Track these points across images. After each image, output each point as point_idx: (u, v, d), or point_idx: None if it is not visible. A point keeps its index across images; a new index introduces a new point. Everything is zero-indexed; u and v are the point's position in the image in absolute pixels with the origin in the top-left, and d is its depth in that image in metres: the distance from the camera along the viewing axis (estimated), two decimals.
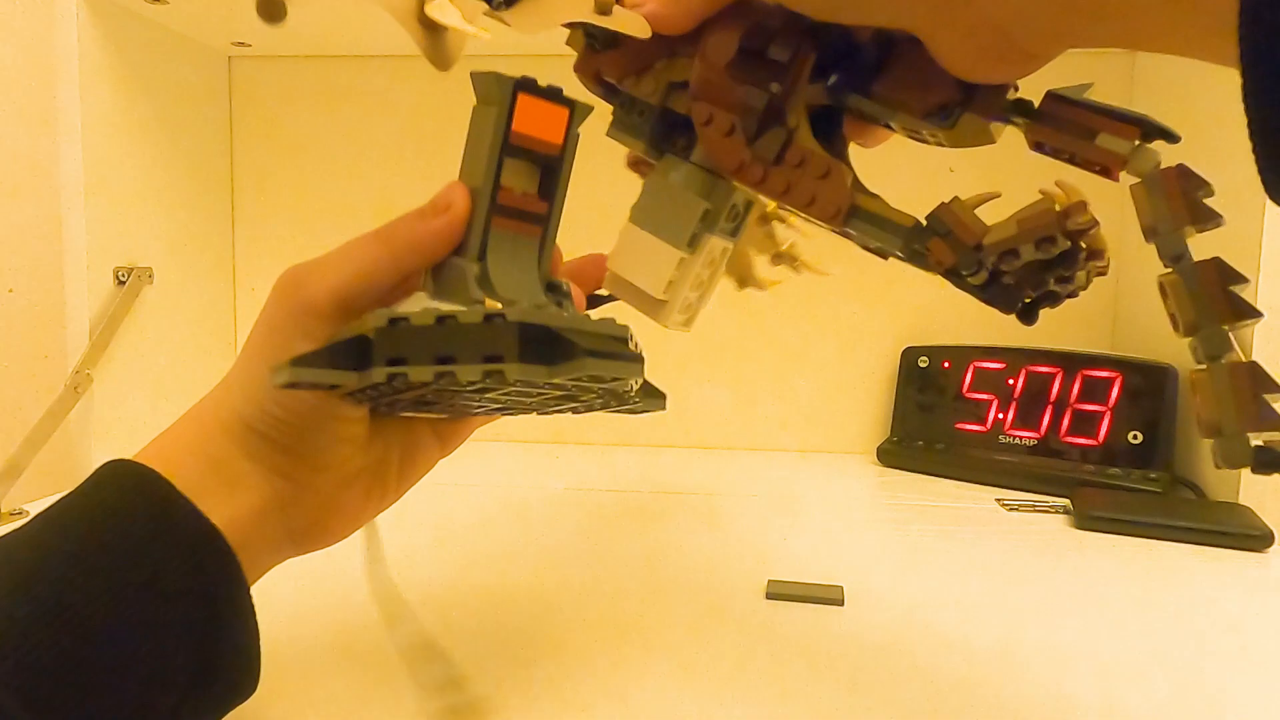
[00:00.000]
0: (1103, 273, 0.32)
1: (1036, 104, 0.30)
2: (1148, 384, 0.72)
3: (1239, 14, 0.20)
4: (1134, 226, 0.28)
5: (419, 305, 0.29)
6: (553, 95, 0.32)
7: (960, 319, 0.85)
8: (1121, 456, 0.71)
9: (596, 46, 0.36)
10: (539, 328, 0.27)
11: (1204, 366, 0.25)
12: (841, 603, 0.46)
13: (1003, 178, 0.88)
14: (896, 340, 0.84)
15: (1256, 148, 0.21)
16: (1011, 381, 0.77)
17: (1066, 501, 0.66)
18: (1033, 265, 0.30)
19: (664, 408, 0.35)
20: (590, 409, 0.35)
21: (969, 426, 0.78)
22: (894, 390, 0.83)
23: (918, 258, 0.33)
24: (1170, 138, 0.28)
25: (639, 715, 0.34)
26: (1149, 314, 0.78)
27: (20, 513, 0.60)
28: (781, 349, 0.84)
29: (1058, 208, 0.30)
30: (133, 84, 0.74)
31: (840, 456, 0.83)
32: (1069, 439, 0.74)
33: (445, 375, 0.27)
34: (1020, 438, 0.76)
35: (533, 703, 0.35)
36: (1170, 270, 0.26)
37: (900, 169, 0.86)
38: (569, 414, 0.36)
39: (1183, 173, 0.27)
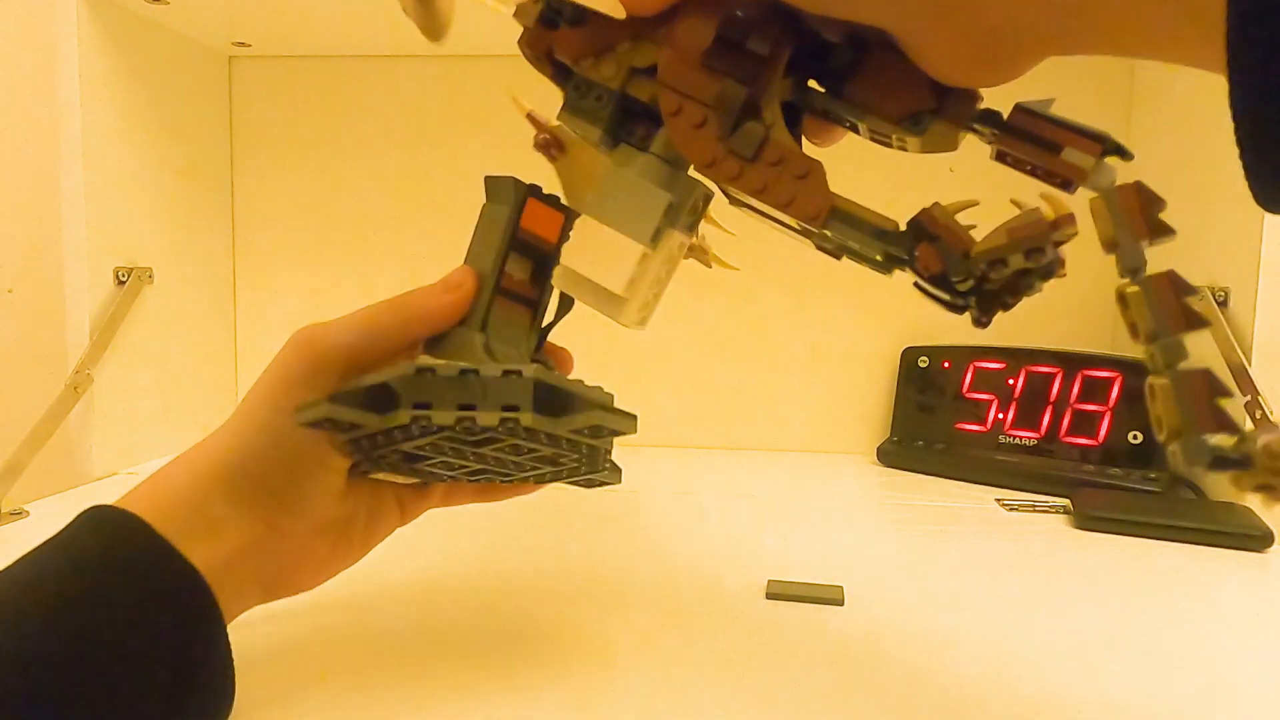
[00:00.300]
0: (1061, 276, 0.32)
1: (1004, 116, 0.30)
2: None
3: (1226, 23, 0.20)
4: None
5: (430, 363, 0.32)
6: (553, 201, 0.37)
7: (960, 319, 0.85)
8: (1121, 456, 0.72)
9: (559, 22, 0.34)
10: (551, 385, 0.31)
11: (1162, 374, 0.27)
12: (841, 603, 0.46)
13: (997, 183, 0.88)
14: (896, 340, 0.84)
15: (1243, 155, 0.21)
16: (1011, 381, 0.77)
17: (1066, 501, 0.66)
18: (1015, 273, 0.31)
19: (620, 481, 0.38)
20: (558, 477, 0.39)
21: (969, 426, 0.78)
22: (894, 390, 0.83)
23: (893, 263, 0.32)
24: (1125, 155, 0.29)
25: (638, 715, 0.34)
26: None
27: (20, 512, 0.60)
28: (781, 349, 0.84)
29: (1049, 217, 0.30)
30: (133, 84, 0.74)
31: (840, 456, 0.83)
32: (1069, 439, 0.74)
33: (466, 420, 0.30)
34: (1020, 438, 0.76)
35: (531, 702, 0.35)
36: (1128, 281, 0.28)
37: (899, 170, 0.86)
38: (533, 481, 0.39)
39: (1140, 189, 0.28)
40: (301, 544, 0.35)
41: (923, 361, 0.81)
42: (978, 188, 0.63)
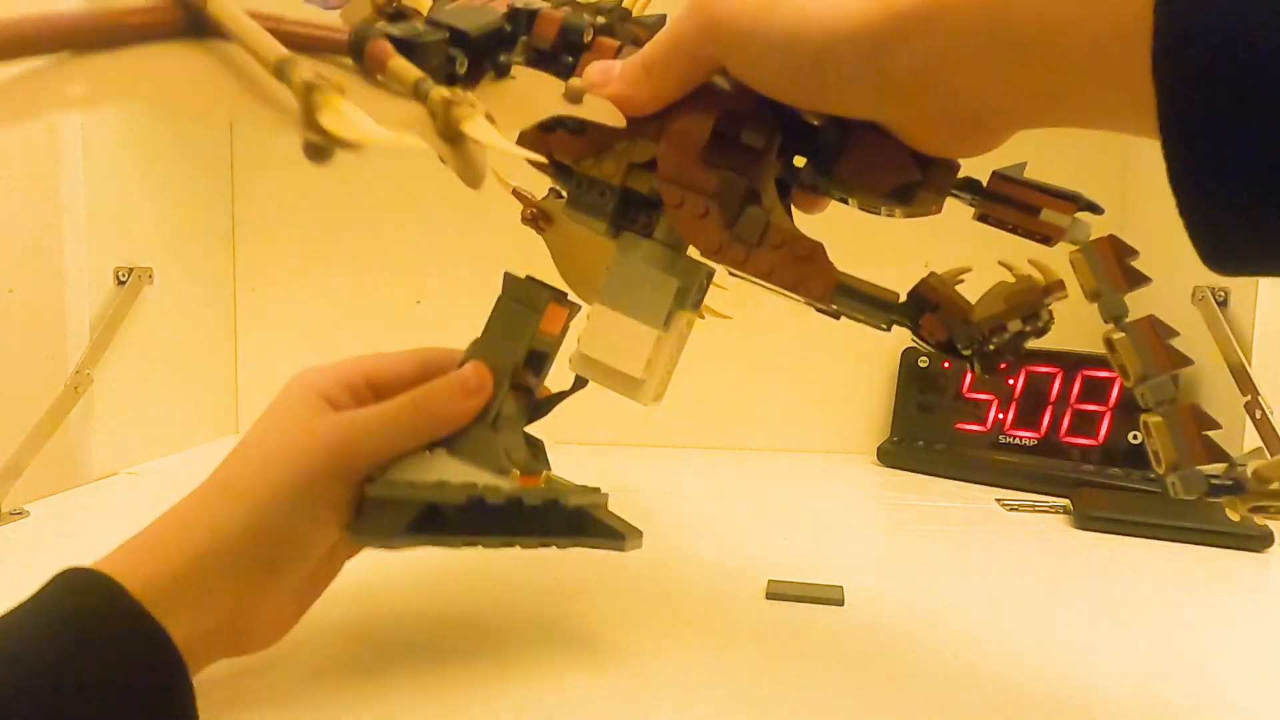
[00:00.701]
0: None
1: (984, 182, 0.32)
2: None
3: (1156, 101, 0.21)
4: (1131, 232, 0.29)
5: (454, 470, 0.35)
6: (561, 299, 0.38)
7: None
8: (1121, 456, 0.72)
9: (563, 129, 0.35)
10: (585, 512, 0.35)
11: (1154, 412, 0.29)
12: (841, 603, 0.46)
13: None
14: (896, 340, 0.83)
15: (1186, 224, 0.23)
16: (1011, 381, 0.77)
17: (1066, 501, 0.66)
18: (1014, 334, 0.33)
19: (639, 545, 0.37)
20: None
21: (969, 426, 0.78)
22: (894, 390, 0.83)
23: (894, 324, 0.34)
24: (1097, 210, 0.31)
25: (638, 715, 0.34)
26: (1149, 314, 0.78)
27: (20, 513, 0.60)
28: (781, 349, 0.84)
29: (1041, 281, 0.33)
30: None
31: (840, 456, 0.83)
32: (1069, 439, 0.74)
33: (510, 544, 0.34)
34: (1020, 438, 0.76)
35: (531, 702, 0.35)
36: (1113, 328, 0.30)
37: None
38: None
39: (1113, 242, 0.30)
40: (278, 606, 0.35)
41: (923, 362, 0.81)
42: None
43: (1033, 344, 0.36)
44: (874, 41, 0.26)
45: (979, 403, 0.78)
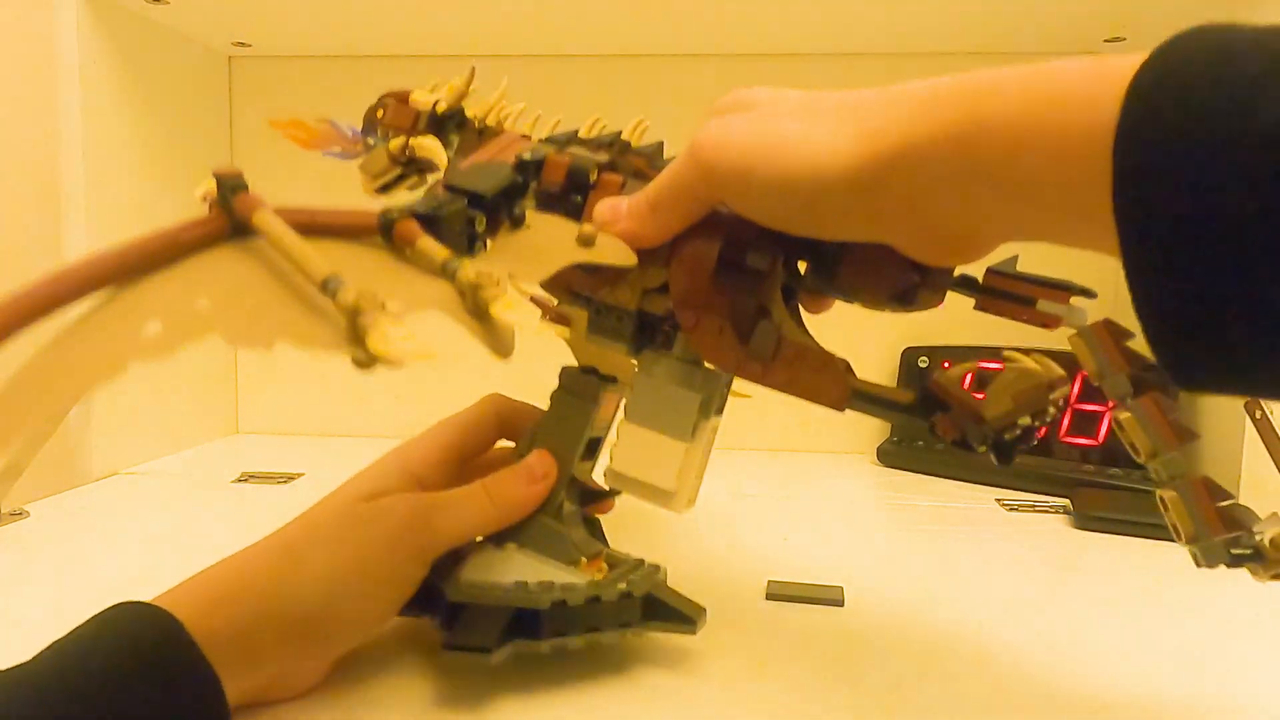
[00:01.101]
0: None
1: (980, 279, 0.34)
2: None
3: (1118, 239, 0.22)
4: None
5: (528, 568, 0.36)
6: (613, 384, 0.40)
7: (960, 319, 0.85)
8: (1121, 456, 0.71)
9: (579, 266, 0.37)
10: (658, 600, 0.37)
11: (1167, 486, 0.31)
12: (841, 603, 0.46)
13: None
14: (896, 340, 0.84)
15: (1151, 346, 0.24)
16: None
17: (1066, 501, 0.66)
18: (1025, 428, 0.34)
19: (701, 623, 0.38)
20: None
21: None
22: None
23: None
24: (1090, 295, 0.34)
25: (638, 716, 0.34)
26: None
27: (21, 513, 0.60)
28: None
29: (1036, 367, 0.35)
30: (133, 84, 0.74)
31: (840, 456, 0.83)
32: (1069, 439, 0.74)
33: (593, 640, 0.36)
34: None
35: (530, 702, 0.35)
36: (1119, 408, 0.32)
37: None
38: None
39: (1109, 326, 0.32)
40: (317, 673, 0.35)
41: (923, 361, 0.81)
42: None
43: (1033, 344, 0.36)
44: (861, 181, 0.28)
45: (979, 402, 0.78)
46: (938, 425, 0.35)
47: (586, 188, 0.37)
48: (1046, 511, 0.65)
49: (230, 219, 0.28)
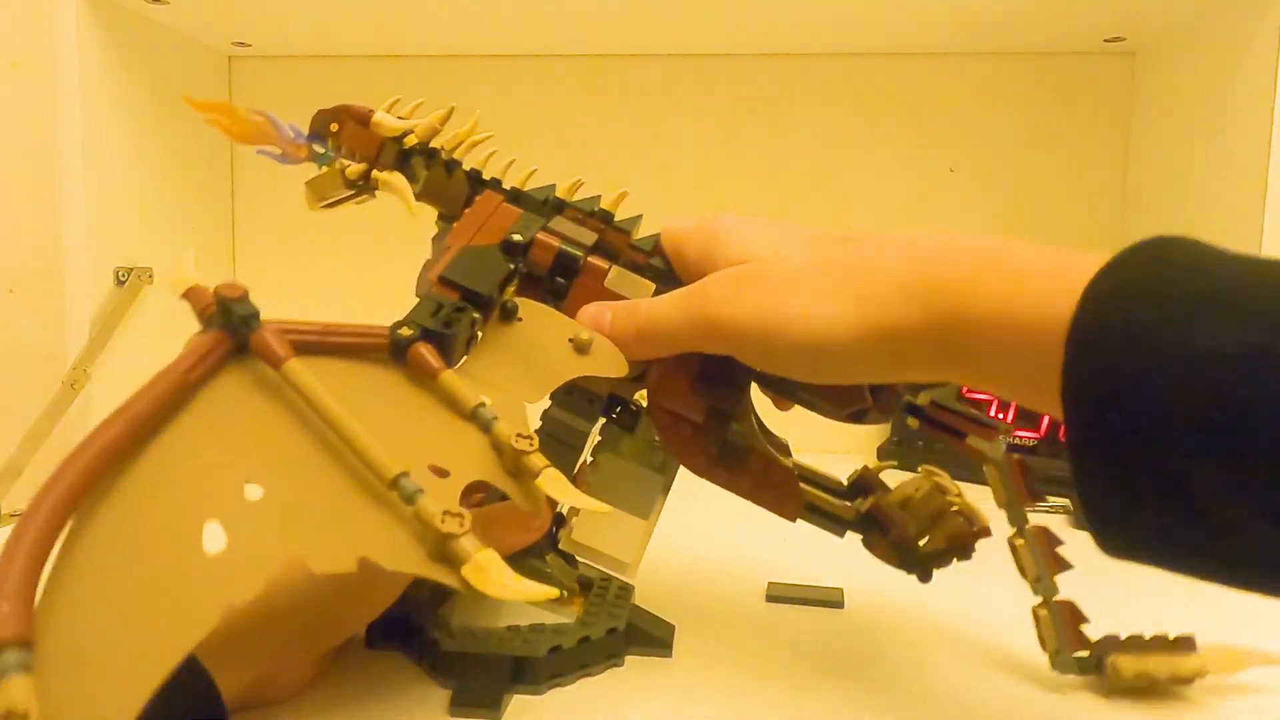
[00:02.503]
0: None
1: (925, 408, 0.40)
2: None
3: (1062, 411, 0.25)
4: (1131, 231, 0.29)
5: (516, 610, 0.38)
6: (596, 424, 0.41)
7: None
8: None
9: None
10: (643, 629, 0.39)
11: (1043, 606, 0.38)
12: (841, 605, 0.46)
13: (997, 183, 0.88)
14: None
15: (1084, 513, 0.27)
16: None
17: (1066, 501, 0.66)
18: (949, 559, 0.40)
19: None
20: None
21: None
22: None
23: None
24: (1010, 436, 0.41)
25: (638, 716, 0.34)
26: None
27: (21, 513, 0.60)
28: None
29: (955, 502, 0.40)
30: (133, 84, 0.74)
31: (840, 456, 0.83)
32: None
33: (583, 676, 0.37)
34: (1020, 438, 0.76)
35: (530, 702, 0.35)
36: (1016, 533, 0.39)
37: (902, 168, 0.86)
38: None
39: (1023, 464, 0.40)
40: (303, 667, 0.35)
41: None
42: (976, 189, 0.64)
43: None
44: (857, 353, 0.31)
45: (979, 403, 0.78)
46: (875, 547, 0.40)
47: (573, 273, 0.38)
48: (1046, 511, 0.65)
49: (234, 336, 0.28)
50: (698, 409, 0.37)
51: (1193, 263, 0.24)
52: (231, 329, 0.28)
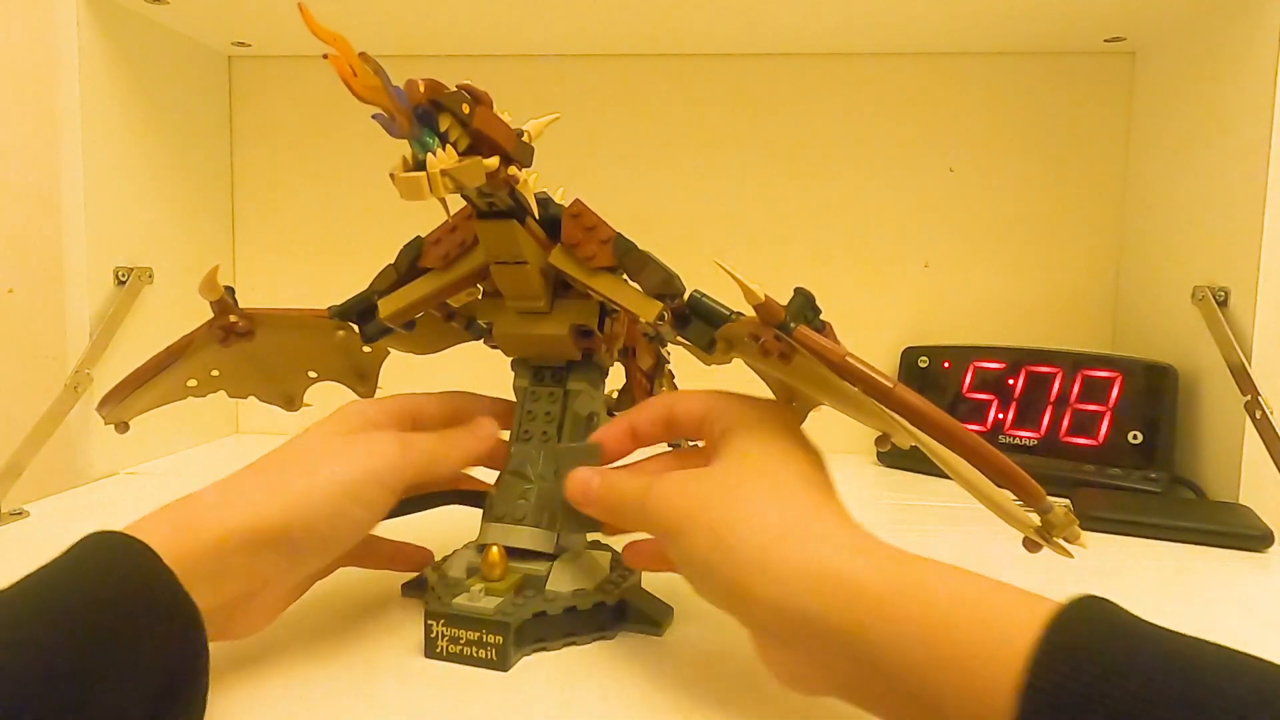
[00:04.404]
0: None
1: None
2: (1148, 384, 0.72)
3: None
4: (1131, 232, 0.29)
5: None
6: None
7: (960, 319, 0.85)
8: (1121, 456, 0.72)
9: None
10: (630, 604, 0.42)
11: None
12: None
13: (997, 183, 0.88)
14: (896, 340, 0.84)
15: None
16: (1011, 381, 0.77)
17: (1066, 501, 0.65)
18: None
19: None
20: None
21: (969, 426, 0.78)
22: None
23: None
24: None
25: (638, 716, 0.34)
26: (1149, 314, 0.78)
27: (21, 513, 0.60)
28: None
29: None
30: (133, 84, 0.74)
31: (840, 456, 0.82)
32: (1069, 439, 0.74)
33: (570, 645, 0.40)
34: (1020, 438, 0.76)
35: (530, 703, 0.35)
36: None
37: (902, 168, 0.86)
38: None
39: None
40: (270, 598, 0.36)
41: (923, 361, 0.81)
42: (976, 189, 0.64)
43: (1032, 344, 0.37)
44: (801, 621, 0.29)
45: (979, 402, 0.78)
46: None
47: None
48: None
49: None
50: None
51: (1127, 643, 0.25)
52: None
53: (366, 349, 0.50)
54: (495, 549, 0.40)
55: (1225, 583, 0.52)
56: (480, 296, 0.45)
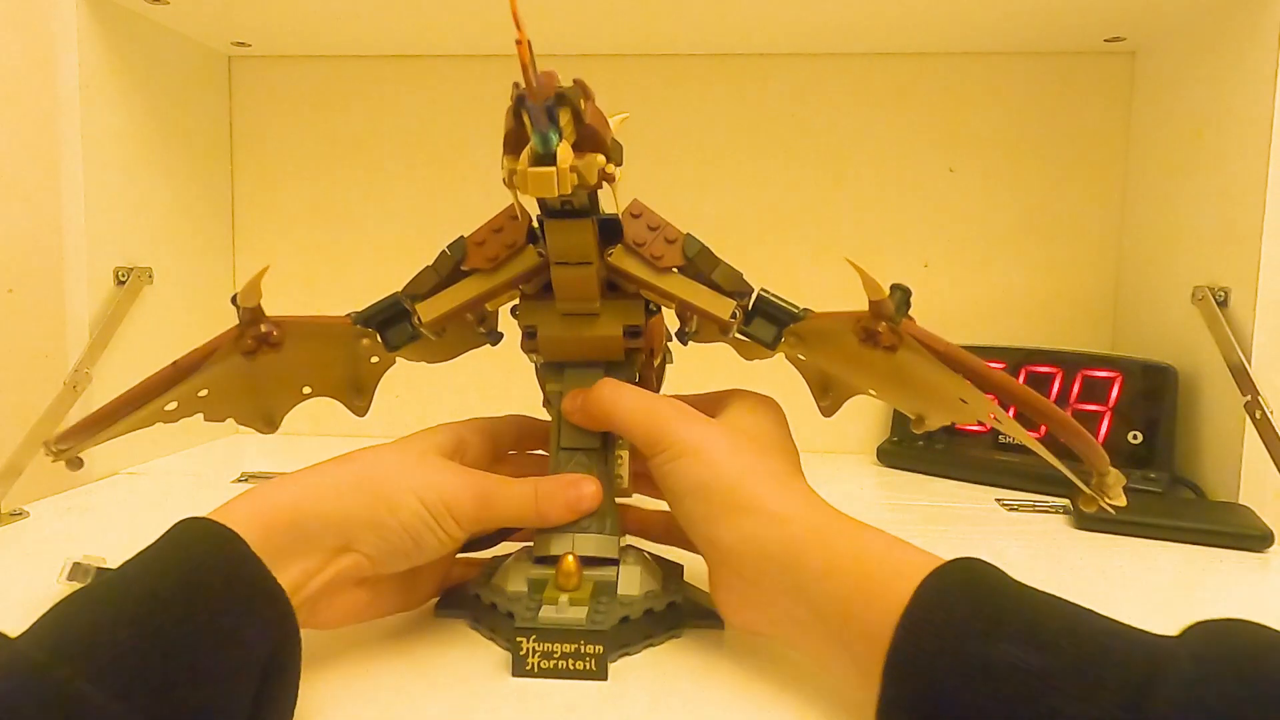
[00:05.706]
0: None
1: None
2: (1148, 384, 0.72)
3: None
4: (1131, 232, 0.29)
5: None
6: None
7: (960, 319, 0.85)
8: (1121, 456, 0.71)
9: None
10: (660, 613, 0.41)
11: None
12: None
13: (997, 183, 0.88)
14: None
15: None
16: None
17: (1066, 501, 0.66)
18: None
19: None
20: None
21: (969, 426, 0.78)
22: None
23: None
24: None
25: (638, 716, 0.34)
26: (1149, 314, 0.78)
27: (21, 513, 0.60)
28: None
29: None
30: (133, 84, 0.74)
31: (840, 456, 0.83)
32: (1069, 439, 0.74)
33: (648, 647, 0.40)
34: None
35: (530, 703, 0.35)
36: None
37: (902, 168, 0.86)
38: None
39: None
40: (355, 595, 0.38)
41: None
42: (976, 189, 0.64)
43: (1033, 344, 0.37)
44: (758, 553, 0.37)
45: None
46: None
47: None
48: (1046, 511, 0.65)
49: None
50: None
51: (992, 598, 0.31)
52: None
53: (374, 359, 0.47)
54: (570, 558, 0.39)
55: (1225, 583, 0.52)
56: (519, 300, 0.43)
